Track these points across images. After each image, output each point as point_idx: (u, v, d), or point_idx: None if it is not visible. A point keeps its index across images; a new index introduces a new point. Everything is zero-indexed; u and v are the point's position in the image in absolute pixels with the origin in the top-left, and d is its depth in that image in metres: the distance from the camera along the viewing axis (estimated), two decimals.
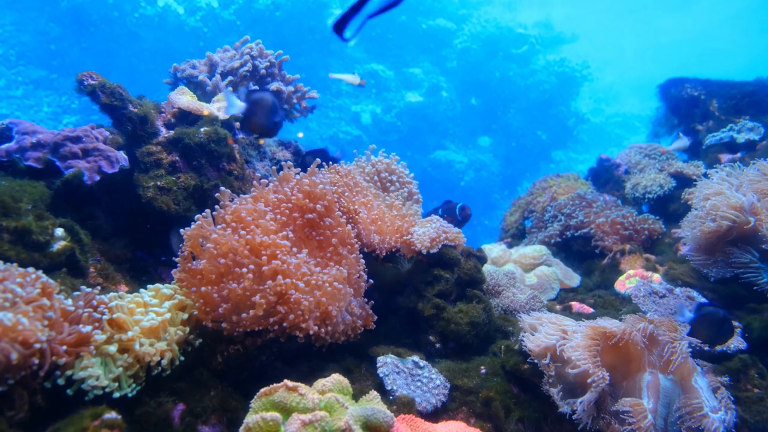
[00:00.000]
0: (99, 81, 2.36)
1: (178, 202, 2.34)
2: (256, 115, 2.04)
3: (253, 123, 2.07)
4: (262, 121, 2.06)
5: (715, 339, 2.28)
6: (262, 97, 2.05)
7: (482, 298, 2.35)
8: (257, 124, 2.06)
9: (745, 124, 3.82)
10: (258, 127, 2.08)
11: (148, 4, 12.38)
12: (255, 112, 2.04)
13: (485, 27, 15.24)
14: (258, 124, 2.07)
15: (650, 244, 3.38)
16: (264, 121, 2.06)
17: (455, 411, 1.86)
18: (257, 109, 2.04)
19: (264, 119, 2.05)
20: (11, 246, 1.80)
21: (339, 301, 1.91)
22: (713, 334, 2.22)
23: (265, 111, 2.06)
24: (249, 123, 2.08)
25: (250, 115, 2.04)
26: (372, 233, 2.28)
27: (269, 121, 2.06)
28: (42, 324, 1.44)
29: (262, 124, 2.07)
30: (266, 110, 2.06)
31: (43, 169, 2.17)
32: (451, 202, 3.03)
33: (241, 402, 1.70)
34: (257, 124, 2.07)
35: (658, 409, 1.76)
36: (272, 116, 2.07)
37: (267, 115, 2.06)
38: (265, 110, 2.06)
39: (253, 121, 2.06)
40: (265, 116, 2.06)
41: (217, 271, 1.87)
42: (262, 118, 2.05)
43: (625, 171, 4.22)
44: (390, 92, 14.39)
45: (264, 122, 2.06)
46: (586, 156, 15.80)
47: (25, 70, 11.99)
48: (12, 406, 1.40)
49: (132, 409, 1.58)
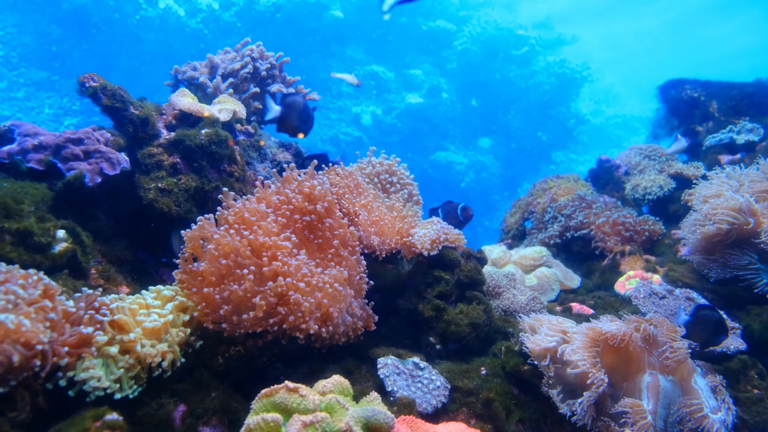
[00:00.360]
0: (100, 83, 2.36)
1: (179, 204, 2.35)
2: (289, 118, 2.27)
3: (287, 124, 2.29)
4: (294, 122, 2.30)
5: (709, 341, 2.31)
6: (294, 100, 2.29)
7: (482, 299, 2.35)
8: (291, 125, 2.29)
9: (745, 125, 3.82)
10: (291, 128, 2.30)
11: (149, 5, 12.41)
12: (289, 115, 2.27)
13: (485, 28, 15.27)
14: (291, 126, 2.29)
15: (650, 246, 3.38)
16: (297, 123, 2.30)
17: (456, 412, 1.87)
18: (290, 112, 2.27)
19: (296, 120, 2.29)
20: (13, 248, 1.81)
21: (339, 303, 1.92)
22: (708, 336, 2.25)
23: (297, 113, 2.30)
24: (283, 124, 2.30)
25: (284, 117, 2.28)
26: (372, 235, 2.28)
27: (301, 121, 2.30)
28: (44, 325, 1.45)
29: (295, 126, 2.30)
30: (298, 112, 2.30)
31: (45, 171, 2.18)
32: (452, 203, 3.04)
33: (242, 403, 1.71)
34: (290, 126, 2.29)
35: (658, 410, 1.76)
36: (303, 117, 2.30)
37: (299, 116, 2.30)
38: (297, 112, 2.30)
39: (286, 123, 2.28)
40: (297, 117, 2.29)
41: (219, 272, 1.87)
42: (295, 120, 2.29)
43: (625, 172, 4.22)
44: (390, 93, 14.41)
45: (297, 123, 2.30)
46: (586, 157, 15.82)
47: (27, 71, 12.02)
48: (14, 407, 1.41)
49: (133, 410, 1.58)
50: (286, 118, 2.29)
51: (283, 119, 2.29)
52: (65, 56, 12.28)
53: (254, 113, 3.18)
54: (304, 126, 2.30)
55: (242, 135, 2.85)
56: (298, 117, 2.30)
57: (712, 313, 2.29)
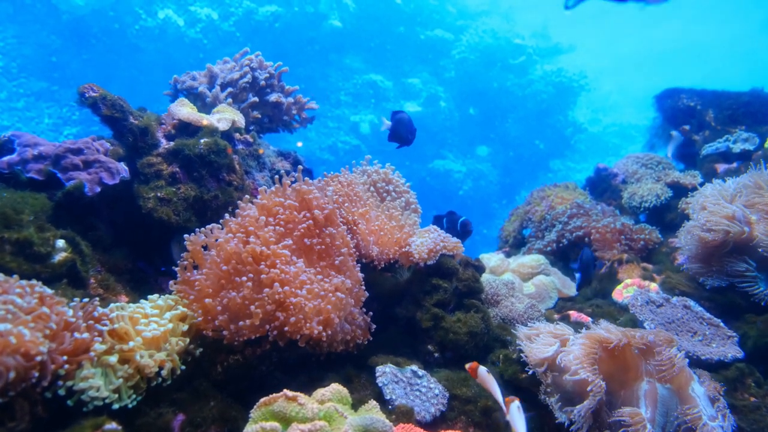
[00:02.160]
0: (100, 93, 2.38)
1: (178, 213, 2.36)
2: (399, 130, 2.74)
3: (397, 135, 2.75)
4: (403, 134, 2.74)
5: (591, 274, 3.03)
6: (402, 117, 2.74)
7: (480, 307, 2.36)
8: (399, 135, 2.75)
9: (741, 134, 3.85)
10: (400, 138, 2.75)
11: (149, 16, 12.49)
12: (398, 128, 2.73)
13: (483, 38, 15.36)
14: (400, 136, 2.75)
15: (647, 254, 3.40)
16: (404, 134, 2.74)
17: (454, 420, 1.87)
18: (400, 125, 2.73)
19: (405, 132, 2.74)
20: (13, 257, 1.81)
21: (340, 310, 1.93)
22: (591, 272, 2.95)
23: (405, 125, 2.74)
24: (394, 135, 2.76)
25: (394, 129, 2.75)
26: (371, 244, 2.29)
27: (408, 132, 2.74)
28: (43, 335, 1.45)
29: (403, 136, 2.75)
30: (405, 125, 2.74)
31: (45, 181, 2.19)
32: (455, 214, 3.05)
33: (241, 412, 1.71)
34: (399, 136, 2.75)
35: (656, 419, 1.77)
36: (410, 129, 2.74)
37: (406, 128, 2.74)
38: (404, 125, 2.73)
39: (396, 134, 2.75)
40: (405, 129, 2.74)
41: (218, 278, 1.88)
42: (403, 132, 2.73)
43: (622, 180, 4.25)
44: (389, 102, 14.47)
45: (404, 134, 2.75)
46: (583, 165, 15.86)
47: (27, 82, 12.06)
48: (13, 417, 1.41)
49: (132, 419, 1.59)
50: (396, 130, 2.73)
51: (394, 131, 2.74)
52: (65, 66, 12.33)
53: (253, 122, 3.20)
54: (410, 136, 2.74)
55: (241, 144, 2.87)
56: (405, 129, 2.73)
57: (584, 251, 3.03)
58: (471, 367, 1.80)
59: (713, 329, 2.39)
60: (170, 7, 12.72)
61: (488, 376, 1.77)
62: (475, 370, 1.78)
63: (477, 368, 1.78)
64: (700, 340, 2.32)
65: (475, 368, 1.78)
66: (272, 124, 3.35)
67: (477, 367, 1.78)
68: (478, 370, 1.78)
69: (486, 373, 1.77)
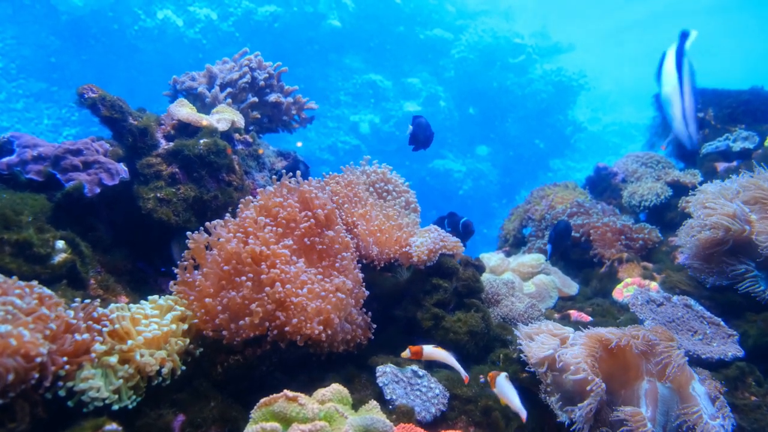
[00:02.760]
0: (99, 94, 2.38)
1: (177, 214, 2.36)
2: (418, 134, 2.94)
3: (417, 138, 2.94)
4: (421, 138, 2.94)
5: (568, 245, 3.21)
6: (421, 121, 2.95)
7: (480, 307, 2.36)
8: (419, 139, 2.94)
9: (741, 133, 3.85)
10: (419, 141, 2.95)
11: (148, 16, 12.48)
12: (418, 132, 2.95)
13: (482, 37, 15.36)
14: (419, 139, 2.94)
15: (647, 253, 3.39)
16: (422, 138, 2.95)
17: (454, 420, 1.87)
18: (420, 129, 2.94)
19: (423, 136, 2.94)
20: (12, 258, 1.81)
21: (341, 311, 1.93)
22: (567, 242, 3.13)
23: (423, 129, 2.94)
24: (414, 139, 2.95)
25: (415, 133, 2.94)
26: (371, 245, 2.29)
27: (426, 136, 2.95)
28: (43, 336, 1.45)
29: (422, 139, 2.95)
30: (424, 129, 2.94)
31: (44, 182, 2.19)
32: (456, 215, 3.05)
33: (242, 412, 1.71)
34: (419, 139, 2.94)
35: (657, 418, 1.77)
36: (428, 133, 2.94)
37: (424, 132, 2.94)
38: (423, 129, 2.93)
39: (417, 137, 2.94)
40: (423, 133, 2.94)
41: (218, 280, 1.88)
42: (421, 136, 2.93)
43: (622, 179, 4.24)
44: (388, 102, 14.47)
45: (423, 138, 2.95)
46: (583, 164, 15.86)
47: (26, 83, 12.05)
48: (13, 418, 1.41)
49: (133, 420, 1.59)
50: (415, 133, 2.94)
51: (414, 134, 2.94)
52: (64, 67, 12.32)
53: (252, 123, 3.20)
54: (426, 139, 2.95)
55: (241, 144, 2.86)
56: (424, 133, 2.94)
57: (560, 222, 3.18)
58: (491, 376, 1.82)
59: (714, 328, 2.39)
60: (169, 7, 12.72)
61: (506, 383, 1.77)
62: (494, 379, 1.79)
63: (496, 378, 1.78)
64: (701, 339, 2.32)
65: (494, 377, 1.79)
66: (272, 125, 3.35)
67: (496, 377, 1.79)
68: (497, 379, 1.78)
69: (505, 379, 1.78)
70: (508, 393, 1.74)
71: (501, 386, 1.77)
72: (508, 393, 1.75)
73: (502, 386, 1.76)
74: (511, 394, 1.74)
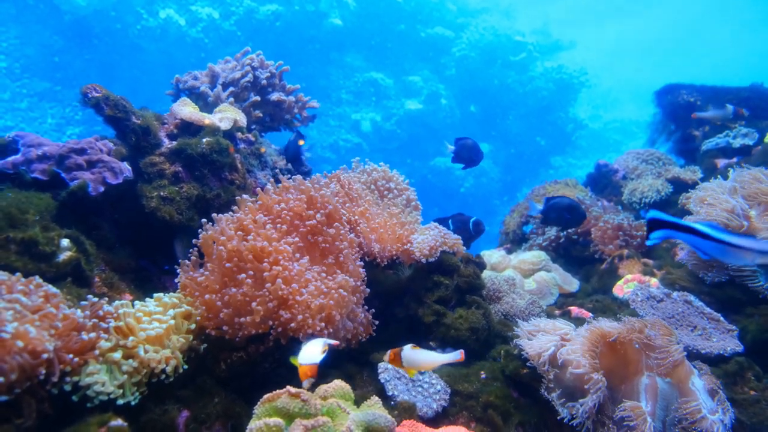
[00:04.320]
0: (103, 93, 2.40)
1: (181, 212, 2.38)
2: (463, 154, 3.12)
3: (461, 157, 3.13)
4: (466, 156, 3.12)
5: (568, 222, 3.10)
6: (465, 143, 3.12)
7: (482, 303, 2.37)
8: (463, 158, 3.12)
9: (740, 129, 3.85)
10: (464, 160, 3.13)
11: (150, 16, 12.50)
12: (461, 151, 3.11)
13: (483, 35, 15.34)
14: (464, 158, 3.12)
15: (647, 249, 3.40)
16: (467, 157, 3.12)
17: (456, 416, 1.89)
18: (463, 150, 3.10)
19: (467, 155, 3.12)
20: (18, 257, 1.83)
21: (342, 308, 1.94)
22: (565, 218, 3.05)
23: (468, 149, 3.11)
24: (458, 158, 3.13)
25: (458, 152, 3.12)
26: (373, 242, 2.31)
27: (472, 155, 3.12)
28: (49, 333, 1.47)
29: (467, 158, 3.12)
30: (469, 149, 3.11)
31: (49, 181, 2.21)
32: (463, 215, 3.07)
33: (245, 408, 1.73)
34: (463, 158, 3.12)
35: (657, 412, 1.78)
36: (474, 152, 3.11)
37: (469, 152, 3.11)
38: (467, 149, 3.11)
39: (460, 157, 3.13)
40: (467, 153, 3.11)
41: (221, 277, 1.90)
42: (465, 157, 3.12)
43: (622, 176, 4.25)
44: (390, 100, 14.47)
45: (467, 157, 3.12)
46: (584, 162, 15.85)
47: (30, 82, 12.08)
48: (20, 414, 1.43)
49: (137, 416, 1.61)
50: (459, 153, 3.11)
51: (458, 153, 3.11)
52: (67, 67, 12.35)
53: (255, 121, 3.22)
54: (475, 159, 3.12)
55: (243, 143, 2.88)
56: (468, 152, 3.11)
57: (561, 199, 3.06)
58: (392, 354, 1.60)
59: (713, 323, 2.40)
60: (171, 6, 12.73)
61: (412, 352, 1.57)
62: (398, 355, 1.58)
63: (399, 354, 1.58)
64: (700, 334, 2.33)
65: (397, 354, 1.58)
66: (274, 123, 3.37)
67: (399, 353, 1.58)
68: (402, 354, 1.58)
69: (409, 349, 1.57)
70: (421, 358, 1.57)
71: (408, 357, 1.58)
72: (420, 358, 1.57)
73: (409, 357, 1.58)
74: (425, 356, 1.57)
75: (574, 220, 3.11)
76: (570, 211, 3.06)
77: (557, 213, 3.08)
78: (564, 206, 3.06)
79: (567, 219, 3.09)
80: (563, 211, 3.05)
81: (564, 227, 3.43)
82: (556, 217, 3.12)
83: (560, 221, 3.15)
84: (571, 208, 3.06)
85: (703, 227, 1.76)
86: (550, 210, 3.10)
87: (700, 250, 1.78)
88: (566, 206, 3.07)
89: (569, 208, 3.06)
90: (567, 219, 3.09)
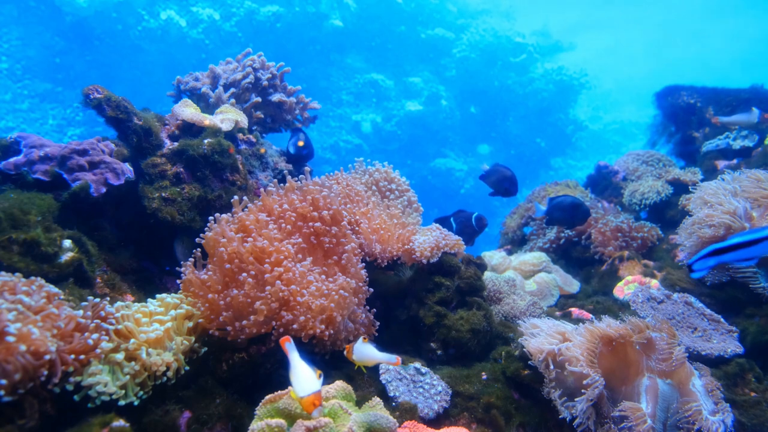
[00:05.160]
0: (104, 94, 2.41)
1: (182, 213, 2.39)
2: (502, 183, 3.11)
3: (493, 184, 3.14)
4: (502, 189, 3.11)
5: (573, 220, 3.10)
6: (505, 173, 3.11)
7: (482, 305, 2.38)
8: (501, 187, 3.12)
9: (741, 131, 3.86)
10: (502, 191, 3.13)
11: (151, 17, 12.51)
12: (501, 182, 3.10)
13: (483, 36, 15.36)
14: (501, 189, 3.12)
15: (648, 250, 3.41)
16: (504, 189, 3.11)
17: (457, 417, 1.89)
18: (504, 180, 3.09)
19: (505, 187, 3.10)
20: (21, 257, 1.84)
21: (344, 309, 1.95)
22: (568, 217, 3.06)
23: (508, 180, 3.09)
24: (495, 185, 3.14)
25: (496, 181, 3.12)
26: (374, 243, 2.31)
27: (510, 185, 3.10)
28: (51, 334, 1.48)
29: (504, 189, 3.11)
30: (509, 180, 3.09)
31: (51, 182, 2.21)
32: (465, 212, 3.07)
33: (247, 409, 1.73)
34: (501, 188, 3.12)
35: (657, 414, 1.78)
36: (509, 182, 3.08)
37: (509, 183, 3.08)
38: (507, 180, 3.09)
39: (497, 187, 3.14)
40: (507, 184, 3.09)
41: (223, 277, 1.91)
42: (504, 187, 3.10)
43: (623, 178, 4.26)
44: (390, 101, 14.49)
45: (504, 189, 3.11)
46: (584, 163, 15.87)
47: (31, 83, 12.10)
48: (23, 414, 1.44)
49: (139, 417, 1.61)
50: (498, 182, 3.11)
51: (497, 182, 3.12)
52: (69, 68, 12.36)
53: (256, 123, 3.22)
54: (511, 190, 3.10)
55: (244, 144, 2.89)
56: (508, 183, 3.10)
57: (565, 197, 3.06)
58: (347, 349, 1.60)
59: (714, 325, 2.41)
60: (172, 8, 12.75)
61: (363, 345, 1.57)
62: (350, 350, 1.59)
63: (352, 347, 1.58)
64: (700, 335, 2.34)
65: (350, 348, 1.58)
66: (275, 124, 3.37)
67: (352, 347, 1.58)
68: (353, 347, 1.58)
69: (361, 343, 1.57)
70: (364, 353, 1.57)
71: (358, 351, 1.58)
72: (364, 353, 1.57)
73: (360, 350, 1.58)
74: (368, 352, 1.57)
75: (578, 217, 3.10)
76: (574, 209, 3.05)
77: (561, 211, 3.08)
78: (568, 204, 3.07)
79: (571, 217, 3.08)
80: (567, 209, 3.05)
81: (569, 226, 3.42)
82: (560, 216, 3.12)
83: (565, 219, 3.15)
84: (575, 205, 3.06)
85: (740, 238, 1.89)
86: (554, 209, 3.10)
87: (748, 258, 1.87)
88: (570, 204, 3.06)
89: (573, 205, 3.06)
90: (571, 217, 3.08)
